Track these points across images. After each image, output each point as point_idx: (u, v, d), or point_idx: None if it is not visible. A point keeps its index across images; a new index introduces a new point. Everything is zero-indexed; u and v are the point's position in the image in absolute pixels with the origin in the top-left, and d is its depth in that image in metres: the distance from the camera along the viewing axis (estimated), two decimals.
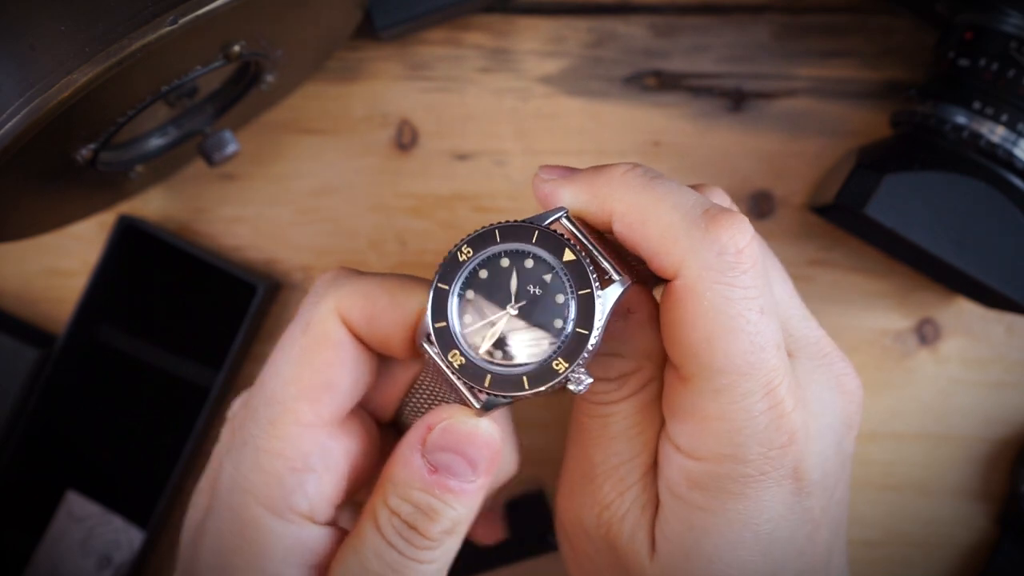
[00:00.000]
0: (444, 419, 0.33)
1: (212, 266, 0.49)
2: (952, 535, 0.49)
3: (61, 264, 0.50)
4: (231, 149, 0.45)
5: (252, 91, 0.44)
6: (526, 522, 0.49)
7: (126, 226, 0.49)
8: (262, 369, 0.35)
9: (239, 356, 0.49)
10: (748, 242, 0.31)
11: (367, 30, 0.48)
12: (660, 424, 0.35)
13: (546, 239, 0.32)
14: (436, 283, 0.32)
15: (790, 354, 0.35)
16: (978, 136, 0.42)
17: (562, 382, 0.31)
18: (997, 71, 0.42)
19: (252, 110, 0.48)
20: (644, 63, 0.50)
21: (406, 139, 0.50)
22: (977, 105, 0.42)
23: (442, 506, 0.33)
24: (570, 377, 0.31)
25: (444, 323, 0.32)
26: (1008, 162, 0.42)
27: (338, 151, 0.50)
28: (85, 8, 0.33)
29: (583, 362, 0.31)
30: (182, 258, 0.49)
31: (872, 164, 0.43)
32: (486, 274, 0.32)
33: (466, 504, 0.33)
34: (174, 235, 0.49)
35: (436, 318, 0.32)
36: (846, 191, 0.43)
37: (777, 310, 0.33)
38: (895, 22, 0.50)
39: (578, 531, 0.36)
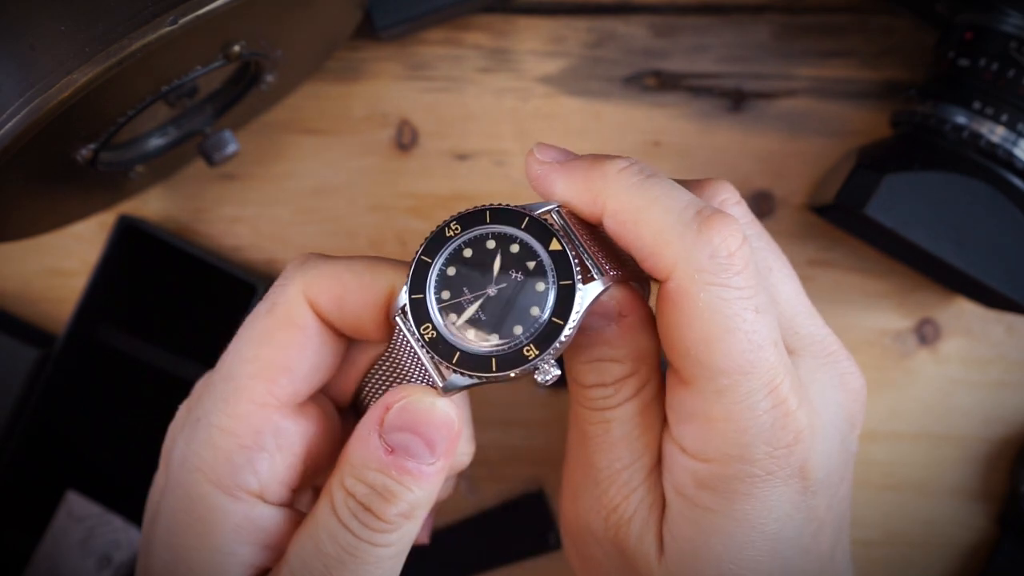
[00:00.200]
0: (403, 398, 0.32)
1: (212, 266, 0.49)
2: (952, 535, 0.49)
3: (61, 264, 0.50)
4: (231, 149, 0.45)
5: (252, 91, 0.44)
6: (526, 522, 0.49)
7: (126, 226, 0.49)
8: (226, 348, 0.35)
9: None
10: (740, 244, 0.31)
11: (367, 30, 0.48)
12: (661, 424, 0.35)
13: (535, 226, 0.32)
14: (419, 255, 0.32)
15: (794, 352, 0.35)
16: (978, 136, 0.42)
17: (530, 369, 0.31)
18: (997, 71, 0.42)
19: (252, 110, 0.48)
20: (644, 63, 0.50)
21: (406, 139, 0.50)
22: (977, 105, 0.42)
23: (399, 488, 0.32)
24: (539, 366, 0.31)
25: (421, 295, 0.32)
26: (1008, 162, 0.42)
27: (338, 151, 0.50)
28: (85, 8, 0.33)
29: (554, 352, 0.31)
30: (182, 258, 0.49)
31: (872, 164, 0.43)
32: (470, 253, 0.32)
33: (424, 487, 0.32)
34: (174, 235, 0.49)
35: (413, 289, 0.32)
36: (846, 191, 0.43)
37: (774, 308, 0.33)
38: (895, 22, 0.50)
39: (585, 535, 0.36)
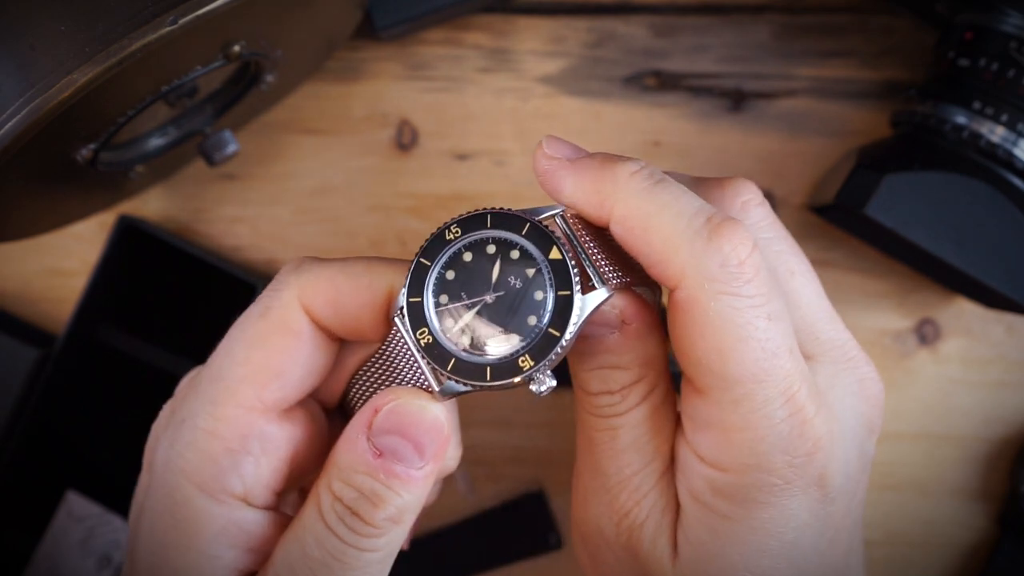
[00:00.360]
0: (391, 400, 0.32)
1: (212, 266, 0.48)
2: (952, 535, 0.49)
3: (61, 264, 0.50)
4: (231, 149, 0.45)
5: (252, 91, 0.44)
6: (526, 522, 0.49)
7: (126, 226, 0.49)
8: (215, 349, 0.34)
9: None
10: (750, 251, 0.31)
11: (367, 30, 0.48)
12: (671, 427, 0.34)
13: (536, 233, 0.31)
14: (418, 258, 0.32)
15: (813, 357, 0.34)
16: (978, 136, 0.42)
17: (525, 380, 0.31)
18: (997, 71, 0.42)
19: (252, 110, 0.48)
20: (644, 63, 0.50)
21: (406, 139, 0.50)
22: (977, 105, 0.42)
23: (387, 492, 0.31)
24: (534, 376, 0.31)
25: (419, 299, 0.31)
26: (1008, 162, 0.42)
27: (338, 151, 0.50)
28: (85, 8, 0.33)
29: (549, 364, 0.31)
30: (182, 258, 0.49)
31: (872, 164, 0.43)
32: (470, 257, 0.31)
33: (412, 491, 0.32)
34: (174, 235, 0.49)
35: (411, 292, 0.31)
36: (846, 191, 0.43)
37: (788, 315, 0.32)
38: (895, 22, 0.50)
39: (596, 539, 0.36)
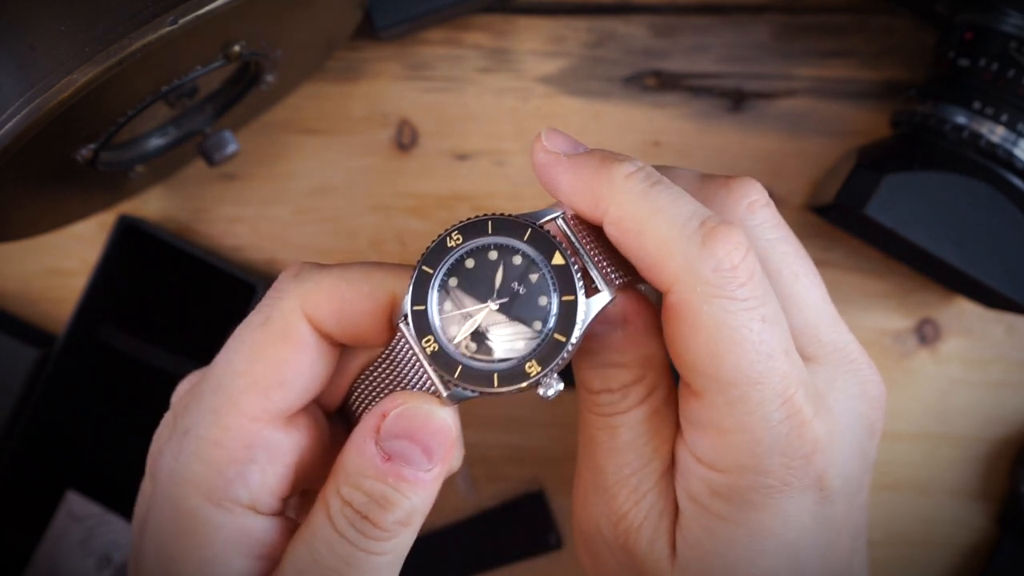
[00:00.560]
0: (399, 405, 0.32)
1: (212, 266, 0.48)
2: (952, 535, 0.49)
3: (61, 264, 0.50)
4: (231, 149, 0.45)
5: (252, 91, 0.44)
6: (526, 522, 0.49)
7: (126, 226, 0.49)
8: (214, 358, 0.34)
9: None
10: (744, 255, 0.31)
11: (367, 30, 0.48)
12: (671, 429, 0.34)
13: (537, 239, 0.31)
14: (420, 265, 0.32)
15: (814, 359, 0.34)
16: (978, 136, 0.42)
17: (532, 385, 0.31)
18: (997, 71, 0.42)
19: (252, 110, 0.48)
20: (644, 63, 0.50)
21: (406, 139, 0.50)
22: (977, 105, 0.42)
23: (396, 495, 0.31)
24: (541, 381, 0.31)
25: (422, 307, 0.31)
26: (1008, 162, 0.42)
27: (338, 151, 0.50)
28: (85, 8, 0.33)
29: (555, 368, 0.31)
30: (182, 258, 0.49)
31: (872, 164, 0.43)
32: (472, 264, 0.31)
33: (421, 494, 0.32)
34: (174, 235, 0.49)
35: (415, 300, 0.31)
36: (846, 191, 0.43)
37: (783, 317, 0.32)
38: (895, 22, 0.50)
39: (596, 540, 0.36)
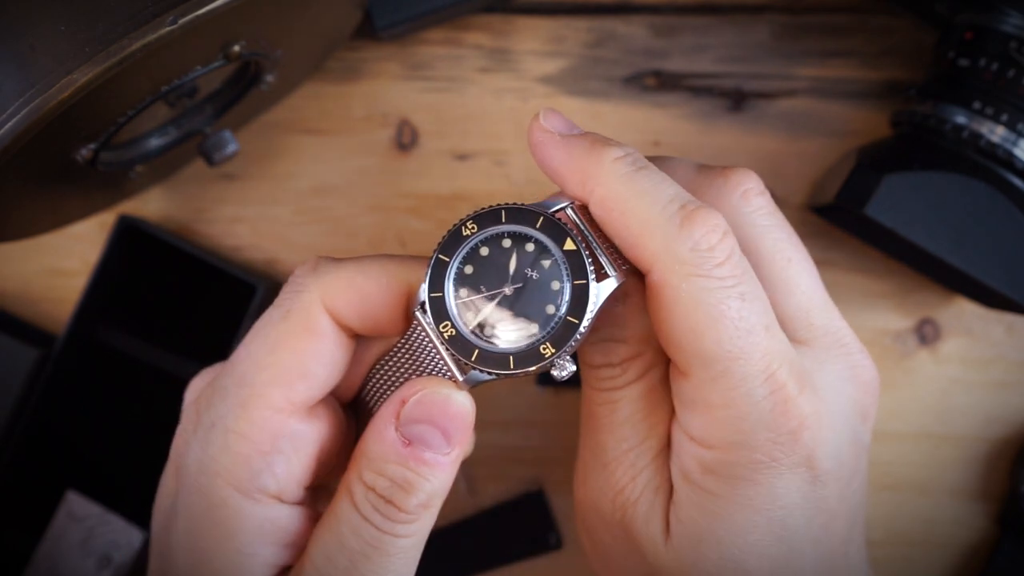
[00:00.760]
0: (418, 390, 0.33)
1: (212, 266, 0.48)
2: (952, 535, 0.49)
3: (61, 264, 0.50)
4: (231, 149, 0.45)
5: (252, 91, 0.44)
6: (526, 522, 0.49)
7: (126, 226, 0.49)
8: (234, 352, 0.35)
9: None
10: (722, 237, 0.32)
11: (367, 30, 0.48)
12: (666, 408, 0.35)
13: (549, 226, 0.32)
14: (437, 254, 0.33)
15: (804, 342, 0.35)
16: (978, 136, 0.42)
17: (547, 367, 0.32)
18: (997, 71, 0.42)
19: (252, 110, 0.48)
20: (644, 63, 0.50)
21: (406, 139, 0.50)
22: (977, 105, 0.42)
23: (417, 479, 0.33)
24: (555, 363, 0.32)
25: (439, 294, 0.33)
26: (1008, 162, 0.42)
27: (338, 151, 0.50)
28: (85, 8, 0.33)
29: (569, 350, 0.32)
30: (182, 258, 0.49)
31: (872, 164, 0.43)
32: (487, 252, 0.33)
33: (441, 476, 0.33)
34: (174, 235, 0.49)
35: (432, 288, 0.33)
36: (846, 191, 0.43)
37: (764, 296, 0.33)
38: (895, 22, 0.50)
39: (595, 518, 0.37)
